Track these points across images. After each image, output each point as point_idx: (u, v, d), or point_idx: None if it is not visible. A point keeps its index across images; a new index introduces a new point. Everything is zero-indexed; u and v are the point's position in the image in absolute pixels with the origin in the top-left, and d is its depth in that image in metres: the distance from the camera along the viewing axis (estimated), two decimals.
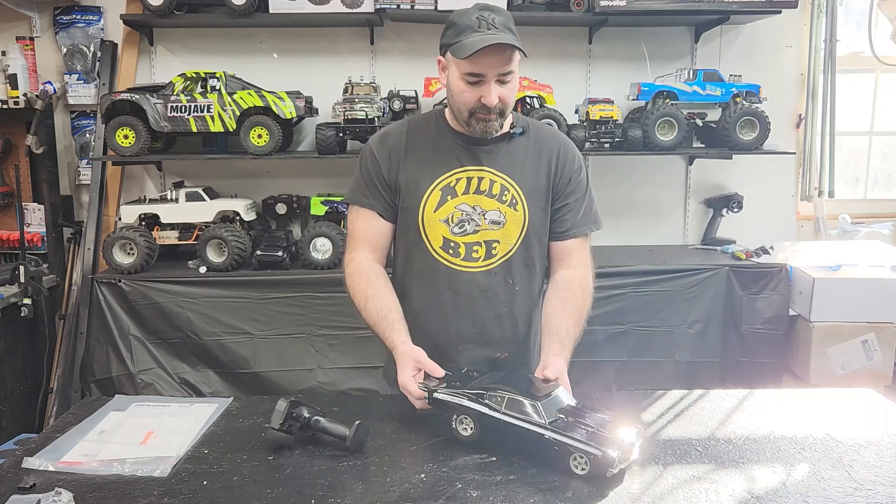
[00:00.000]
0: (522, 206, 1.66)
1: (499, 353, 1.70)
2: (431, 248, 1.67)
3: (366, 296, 1.64)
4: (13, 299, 3.06)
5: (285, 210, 3.41)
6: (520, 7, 3.19)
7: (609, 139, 3.22)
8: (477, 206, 1.65)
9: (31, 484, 1.29)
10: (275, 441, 1.42)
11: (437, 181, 1.65)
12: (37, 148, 3.28)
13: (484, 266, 1.67)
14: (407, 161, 1.68)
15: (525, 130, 1.71)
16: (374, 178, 1.69)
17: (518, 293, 1.70)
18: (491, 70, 1.53)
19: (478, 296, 1.67)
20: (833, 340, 3.08)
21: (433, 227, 1.66)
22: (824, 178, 3.54)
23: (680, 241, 3.69)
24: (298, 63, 3.45)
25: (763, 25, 3.45)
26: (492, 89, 1.54)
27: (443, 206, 1.65)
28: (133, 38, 3.40)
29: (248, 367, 3.07)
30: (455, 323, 1.69)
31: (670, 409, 1.66)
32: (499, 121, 1.60)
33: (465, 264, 1.67)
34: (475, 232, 1.65)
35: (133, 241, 3.06)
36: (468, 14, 1.54)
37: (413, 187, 1.66)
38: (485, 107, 1.56)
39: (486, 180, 1.66)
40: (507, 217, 1.66)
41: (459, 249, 1.66)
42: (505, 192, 1.66)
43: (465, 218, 1.65)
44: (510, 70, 1.54)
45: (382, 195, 1.69)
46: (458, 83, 1.57)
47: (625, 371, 3.14)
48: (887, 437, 1.49)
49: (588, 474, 1.28)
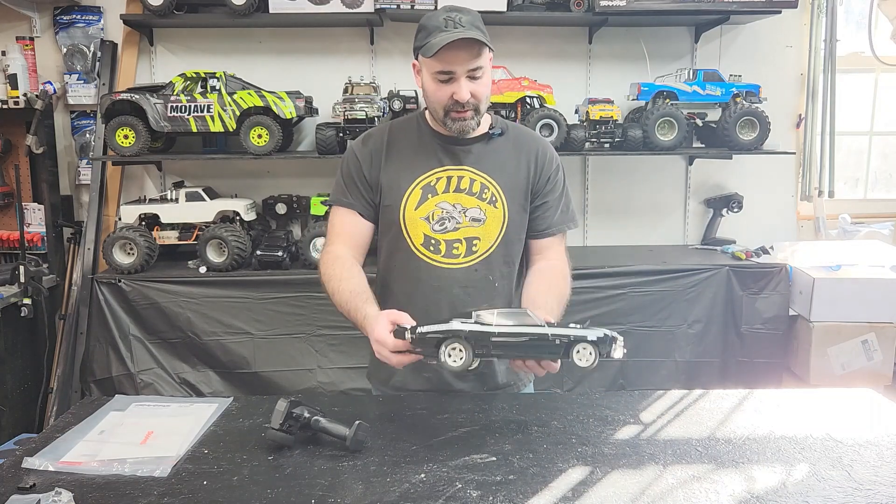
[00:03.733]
0: (502, 204, 1.69)
1: None
2: (412, 245, 1.69)
3: (339, 279, 1.64)
4: (13, 299, 3.06)
5: (285, 210, 3.41)
6: (520, 7, 3.19)
7: (609, 139, 3.22)
8: (457, 203, 1.68)
9: (31, 484, 1.29)
10: (275, 441, 1.42)
11: (418, 180, 1.69)
12: (37, 148, 3.28)
13: (464, 263, 1.69)
14: (388, 161, 1.71)
15: (504, 131, 1.75)
16: (356, 178, 1.72)
17: (498, 289, 1.72)
18: (459, 66, 1.56)
19: (458, 292, 1.69)
20: (833, 340, 3.08)
21: (414, 225, 1.68)
22: (824, 178, 3.54)
23: (680, 241, 3.69)
24: (298, 63, 3.45)
25: (763, 25, 3.46)
26: (462, 85, 1.57)
27: (423, 205, 1.68)
28: (133, 38, 3.41)
29: (248, 367, 3.07)
30: (435, 318, 1.68)
31: (670, 409, 1.66)
32: (475, 118, 1.63)
33: (445, 261, 1.69)
34: (455, 229, 1.68)
35: (133, 241, 3.06)
36: (436, 16, 1.58)
37: (394, 186, 1.69)
38: (458, 103, 1.59)
39: (466, 179, 1.69)
40: (488, 214, 1.68)
41: (440, 246, 1.68)
42: (485, 190, 1.69)
43: (445, 216, 1.67)
44: (479, 66, 1.57)
45: (363, 195, 1.72)
46: (431, 83, 1.61)
47: (625, 371, 3.15)
48: (887, 437, 1.49)
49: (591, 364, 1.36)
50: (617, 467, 1.36)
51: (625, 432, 1.51)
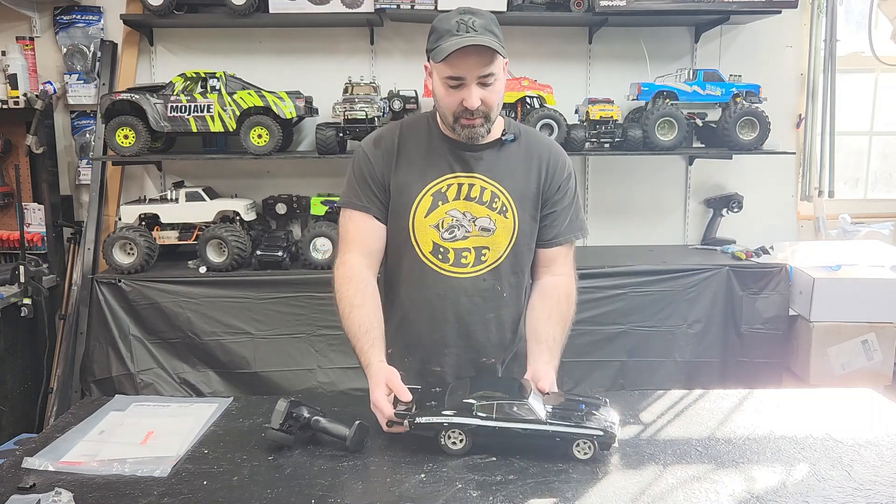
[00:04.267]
0: (512, 214, 1.66)
1: (485, 359, 1.71)
2: (420, 252, 1.66)
3: (352, 304, 1.60)
4: (13, 299, 3.06)
5: (285, 210, 3.41)
6: (520, 7, 3.19)
7: (609, 139, 3.22)
8: (467, 212, 1.65)
9: (31, 484, 1.29)
10: (275, 441, 1.42)
11: (429, 186, 1.65)
12: (37, 148, 3.28)
13: (473, 272, 1.66)
14: (399, 163, 1.67)
15: (517, 137, 1.70)
16: (369, 180, 1.67)
17: (506, 299, 1.70)
18: (470, 73, 1.51)
19: (465, 301, 1.67)
20: (833, 340, 3.08)
21: (423, 232, 1.65)
22: (824, 178, 3.54)
23: (680, 241, 3.69)
24: (298, 63, 3.45)
25: (763, 25, 3.45)
26: (472, 92, 1.52)
27: (434, 212, 1.64)
28: (133, 38, 3.40)
29: (248, 367, 3.07)
30: (441, 327, 1.68)
31: (670, 409, 1.66)
32: (484, 126, 1.59)
33: (453, 269, 1.66)
34: (465, 238, 1.65)
35: (133, 241, 3.06)
36: (449, 18, 1.53)
37: (404, 191, 1.65)
38: (467, 110, 1.54)
39: (477, 187, 1.65)
40: (497, 224, 1.65)
41: (448, 255, 1.65)
42: (495, 199, 1.65)
43: (455, 224, 1.64)
44: (490, 72, 1.52)
45: (377, 197, 1.67)
46: (440, 88, 1.57)
47: (625, 371, 3.14)
48: (887, 437, 1.49)
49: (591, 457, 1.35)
50: (617, 467, 1.36)
51: (625, 432, 1.51)
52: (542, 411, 1.39)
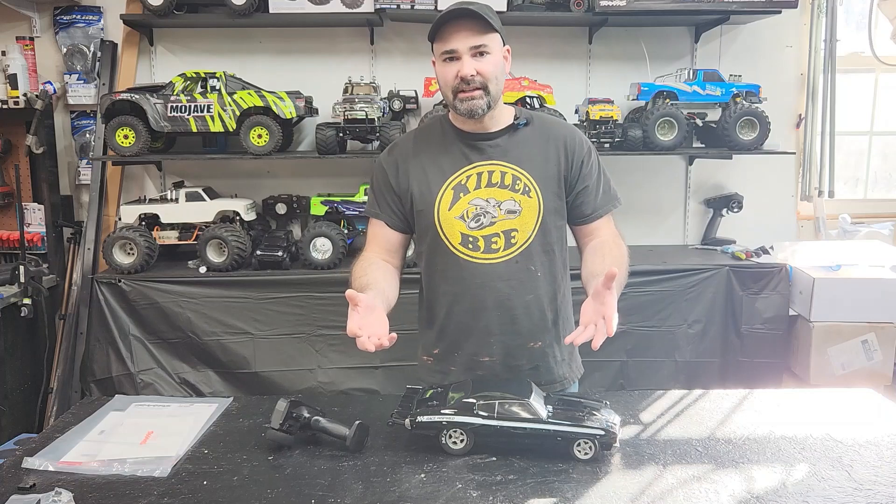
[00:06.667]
0: (536, 193, 1.68)
1: (532, 343, 1.71)
2: (451, 245, 1.68)
3: (359, 275, 1.64)
4: (13, 299, 3.06)
5: (285, 210, 3.41)
6: (520, 7, 3.19)
7: (609, 139, 3.22)
8: (490, 198, 1.67)
9: (31, 484, 1.29)
10: (275, 441, 1.42)
11: (448, 180, 1.68)
12: (37, 148, 3.28)
13: (504, 256, 1.68)
14: (416, 167, 1.71)
15: (529, 121, 1.73)
16: (383, 189, 1.74)
17: (540, 279, 1.71)
18: (461, 43, 1.57)
19: (503, 286, 1.68)
20: (833, 340, 3.08)
21: (450, 226, 1.68)
22: (824, 178, 3.54)
23: (680, 241, 3.69)
24: (298, 63, 3.45)
25: (763, 25, 3.45)
26: (465, 62, 1.58)
27: (456, 204, 1.67)
28: (133, 38, 3.40)
29: (248, 367, 3.07)
30: (485, 316, 1.70)
31: (670, 408, 1.66)
32: (484, 98, 1.61)
33: (485, 257, 1.68)
34: (492, 224, 1.67)
35: (133, 241, 3.06)
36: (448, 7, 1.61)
37: (425, 191, 1.69)
38: (463, 80, 1.58)
39: (497, 173, 1.68)
40: (522, 205, 1.67)
41: (479, 243, 1.67)
42: (517, 181, 1.67)
43: (480, 212, 1.67)
44: (482, 43, 1.58)
45: (390, 205, 1.73)
46: (440, 68, 1.63)
47: (625, 371, 3.14)
48: (887, 437, 1.49)
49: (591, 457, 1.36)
50: (617, 467, 1.36)
51: (625, 432, 1.51)
52: (543, 411, 1.40)
